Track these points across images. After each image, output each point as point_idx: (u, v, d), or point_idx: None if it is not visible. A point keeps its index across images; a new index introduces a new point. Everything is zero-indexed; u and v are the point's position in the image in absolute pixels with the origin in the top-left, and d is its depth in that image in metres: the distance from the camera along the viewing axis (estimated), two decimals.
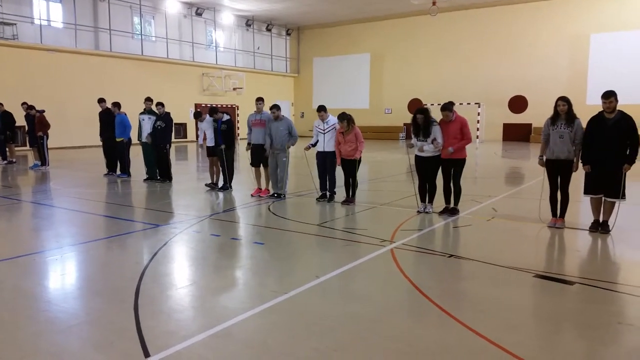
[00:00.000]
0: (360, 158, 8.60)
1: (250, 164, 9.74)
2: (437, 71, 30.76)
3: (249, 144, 9.64)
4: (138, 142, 11.81)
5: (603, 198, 6.49)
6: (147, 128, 11.48)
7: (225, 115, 10.16)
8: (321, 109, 8.97)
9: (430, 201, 7.96)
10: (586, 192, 6.59)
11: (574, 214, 7.56)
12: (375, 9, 30.32)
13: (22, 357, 3.30)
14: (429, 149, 7.66)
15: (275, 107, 9.20)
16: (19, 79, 20.98)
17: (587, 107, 8.97)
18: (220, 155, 10.09)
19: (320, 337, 3.57)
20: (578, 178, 6.82)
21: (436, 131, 7.60)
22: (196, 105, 28.70)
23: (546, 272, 5.04)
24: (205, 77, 29.94)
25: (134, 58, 25.79)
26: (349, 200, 8.76)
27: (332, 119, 8.94)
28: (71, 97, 22.67)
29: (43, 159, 14.48)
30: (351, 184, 8.74)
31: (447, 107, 7.59)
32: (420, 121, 7.65)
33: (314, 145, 9.07)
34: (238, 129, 29.13)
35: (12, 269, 5.27)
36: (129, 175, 12.37)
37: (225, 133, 9.99)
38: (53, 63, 22.23)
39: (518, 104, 28.81)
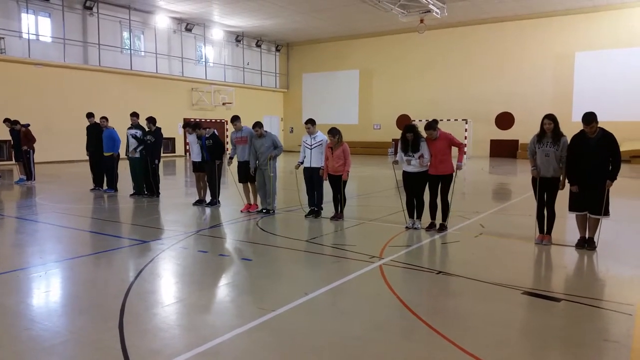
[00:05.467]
0: (346, 178, 8.59)
1: (238, 180, 9.73)
2: (425, 87, 31.08)
3: (230, 158, 9.73)
4: (126, 157, 11.74)
5: (588, 215, 6.55)
6: (133, 142, 11.42)
7: (209, 130, 10.06)
8: (309, 121, 9.00)
9: (419, 217, 7.97)
10: (571, 209, 6.66)
11: (561, 231, 7.63)
12: (363, 26, 30.68)
13: None
14: (415, 164, 7.69)
15: (257, 125, 9.20)
16: (6, 93, 20.82)
17: (573, 124, 9.10)
18: (209, 169, 10.03)
19: (309, 355, 3.54)
20: (564, 195, 6.89)
21: (424, 147, 7.65)
22: (185, 120, 28.65)
23: (534, 289, 5.06)
24: (194, 92, 29.96)
25: (122, 73, 25.76)
26: (337, 216, 8.76)
27: (320, 135, 8.97)
28: (59, 111, 22.53)
29: (29, 174, 14.31)
30: (339, 200, 8.72)
31: (431, 125, 7.62)
32: (410, 139, 7.68)
33: (302, 162, 9.10)
34: (228, 143, 29.10)
35: None
36: (115, 190, 12.28)
37: (212, 148, 9.92)
38: (41, 77, 22.12)
39: (505, 120, 29.15)
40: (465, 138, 26.62)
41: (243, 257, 6.45)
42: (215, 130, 10.28)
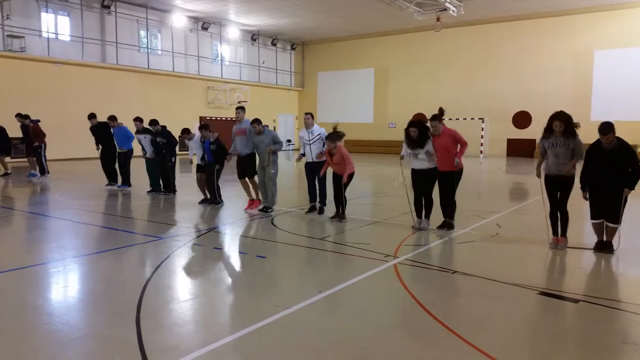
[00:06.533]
0: (347, 182, 8.27)
1: (238, 176, 9.62)
2: (441, 86, 30.87)
3: (229, 154, 9.59)
4: (142, 157, 11.88)
5: (605, 223, 6.41)
6: (147, 145, 11.55)
7: (213, 134, 9.87)
8: (308, 113, 8.98)
9: (427, 216, 7.77)
10: (591, 217, 6.50)
11: (578, 233, 7.52)
12: (379, 25, 30.58)
13: None
14: (423, 158, 7.52)
15: (256, 122, 8.97)
16: (27, 91, 21.16)
17: (592, 124, 8.94)
18: (208, 171, 9.89)
19: (323, 353, 3.54)
20: (578, 196, 6.75)
21: (429, 144, 7.48)
22: (201, 118, 28.86)
23: (550, 290, 5.00)
24: (210, 91, 30.15)
25: (140, 71, 26.02)
26: (338, 215, 8.49)
27: (317, 129, 8.85)
28: (77, 109, 22.75)
29: (42, 169, 14.42)
30: (340, 200, 8.44)
31: (436, 117, 7.42)
32: (413, 135, 7.52)
33: (304, 155, 8.99)
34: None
35: (15, 280, 5.27)
36: (129, 185, 12.41)
37: (216, 152, 9.73)
38: (60, 75, 22.43)
39: (522, 119, 28.84)
40: (482, 137, 26.40)
41: (257, 254, 6.48)
42: (218, 135, 10.08)
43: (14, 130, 15.73)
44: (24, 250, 6.88)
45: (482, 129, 27.37)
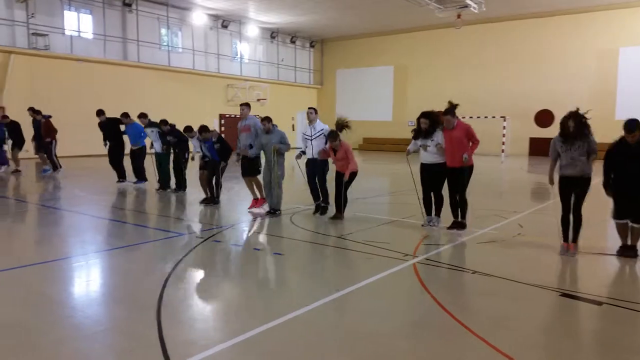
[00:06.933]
0: (349, 180, 8.07)
1: (241, 174, 9.43)
2: (462, 84, 30.55)
3: (237, 154, 9.27)
4: (152, 152, 11.84)
5: (629, 223, 6.23)
6: (155, 139, 11.53)
7: (214, 133, 9.70)
8: (311, 107, 8.79)
9: (437, 214, 7.62)
10: (613, 216, 6.31)
11: (600, 237, 7.37)
12: (398, 22, 30.38)
13: None
14: (432, 150, 7.33)
15: (266, 120, 8.72)
16: (51, 88, 21.53)
17: (616, 122, 8.77)
18: (211, 169, 9.75)
19: (340, 351, 3.54)
20: (593, 200, 6.58)
21: (439, 135, 7.29)
22: (220, 116, 29.09)
23: (573, 291, 4.92)
24: (229, 88, 30.31)
25: (160, 69, 26.27)
26: (338, 216, 8.26)
27: (320, 125, 8.67)
28: (99, 106, 22.97)
29: (53, 164, 14.54)
30: (341, 199, 8.20)
31: (449, 111, 7.19)
32: (424, 126, 7.32)
33: (305, 152, 8.71)
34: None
35: (39, 274, 5.37)
36: (145, 181, 12.36)
37: (220, 150, 9.58)
38: (82, 73, 22.77)
39: (544, 118, 28.33)
40: (503, 136, 26.06)
41: (275, 251, 6.50)
42: (219, 133, 9.95)
43: (25, 127, 15.58)
44: (47, 244, 7.01)
45: (504, 127, 27.00)
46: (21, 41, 21.19)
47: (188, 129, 10.37)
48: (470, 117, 24.90)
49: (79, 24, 23.51)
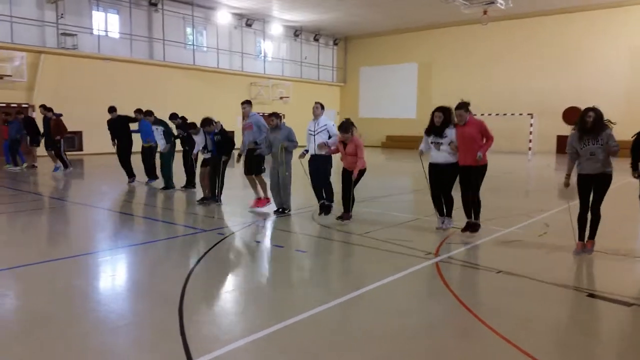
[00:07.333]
0: (357, 178, 7.69)
1: (244, 172, 9.30)
2: (487, 81, 30.10)
3: (239, 155, 9.08)
4: (158, 151, 11.70)
5: None
6: (159, 138, 11.34)
7: (217, 124, 9.43)
8: (318, 102, 8.43)
9: (449, 214, 7.32)
10: None
11: (629, 239, 7.17)
12: (423, 19, 30.09)
13: (72, 355, 3.42)
14: (446, 149, 7.00)
15: (273, 115, 8.48)
16: (79, 87, 21.99)
17: None
18: (212, 165, 9.51)
19: (361, 349, 3.52)
20: (613, 196, 6.39)
21: (451, 133, 6.96)
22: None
23: (600, 292, 4.79)
24: (253, 87, 30.49)
25: (186, 67, 26.58)
26: (345, 216, 7.92)
27: (324, 120, 8.36)
28: (126, 104, 23.36)
29: (64, 163, 14.61)
30: (348, 199, 7.82)
31: (462, 105, 6.74)
32: (438, 120, 7.01)
33: (308, 150, 8.32)
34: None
35: (66, 268, 5.49)
36: (157, 178, 12.15)
37: (220, 143, 9.33)
38: (110, 72, 23.19)
39: (573, 115, 27.61)
40: (530, 133, 25.58)
41: (297, 248, 6.51)
42: (222, 125, 9.69)
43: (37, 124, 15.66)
44: (74, 238, 7.16)
45: (531, 124, 26.52)
46: (51, 41, 21.71)
47: (192, 125, 10.04)
48: (497, 115, 24.55)
49: (106, 23, 23.95)
